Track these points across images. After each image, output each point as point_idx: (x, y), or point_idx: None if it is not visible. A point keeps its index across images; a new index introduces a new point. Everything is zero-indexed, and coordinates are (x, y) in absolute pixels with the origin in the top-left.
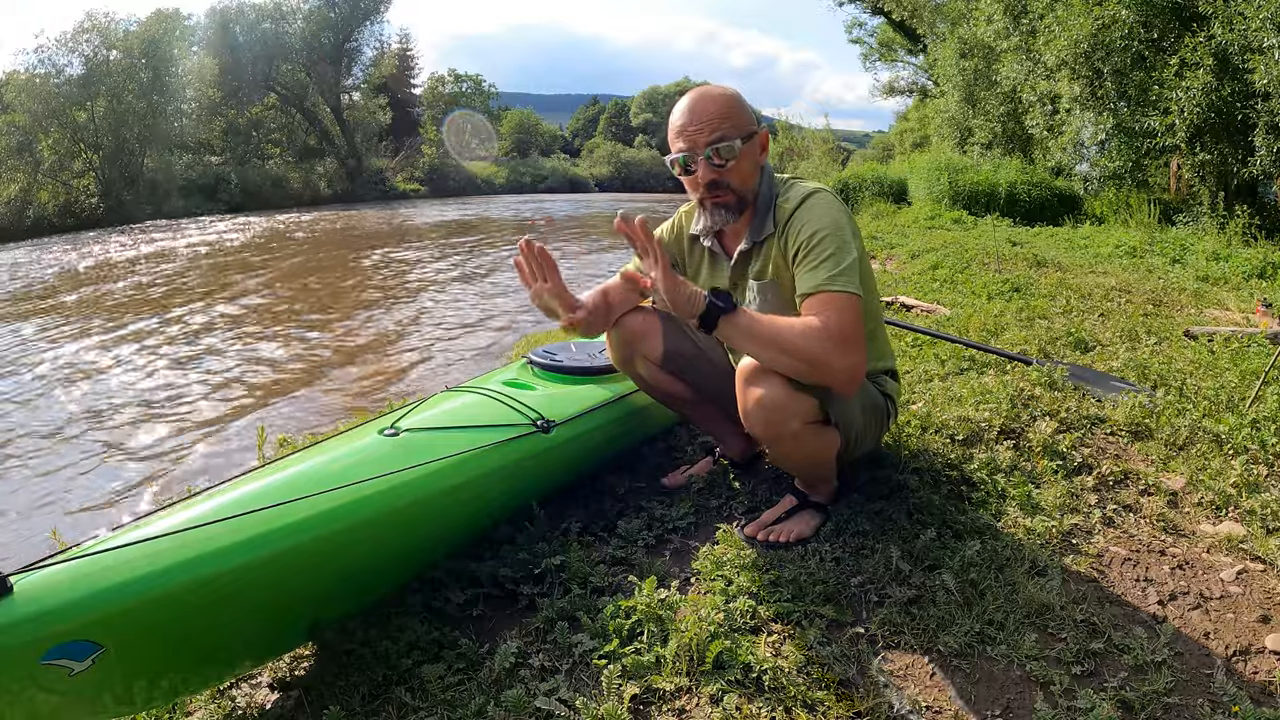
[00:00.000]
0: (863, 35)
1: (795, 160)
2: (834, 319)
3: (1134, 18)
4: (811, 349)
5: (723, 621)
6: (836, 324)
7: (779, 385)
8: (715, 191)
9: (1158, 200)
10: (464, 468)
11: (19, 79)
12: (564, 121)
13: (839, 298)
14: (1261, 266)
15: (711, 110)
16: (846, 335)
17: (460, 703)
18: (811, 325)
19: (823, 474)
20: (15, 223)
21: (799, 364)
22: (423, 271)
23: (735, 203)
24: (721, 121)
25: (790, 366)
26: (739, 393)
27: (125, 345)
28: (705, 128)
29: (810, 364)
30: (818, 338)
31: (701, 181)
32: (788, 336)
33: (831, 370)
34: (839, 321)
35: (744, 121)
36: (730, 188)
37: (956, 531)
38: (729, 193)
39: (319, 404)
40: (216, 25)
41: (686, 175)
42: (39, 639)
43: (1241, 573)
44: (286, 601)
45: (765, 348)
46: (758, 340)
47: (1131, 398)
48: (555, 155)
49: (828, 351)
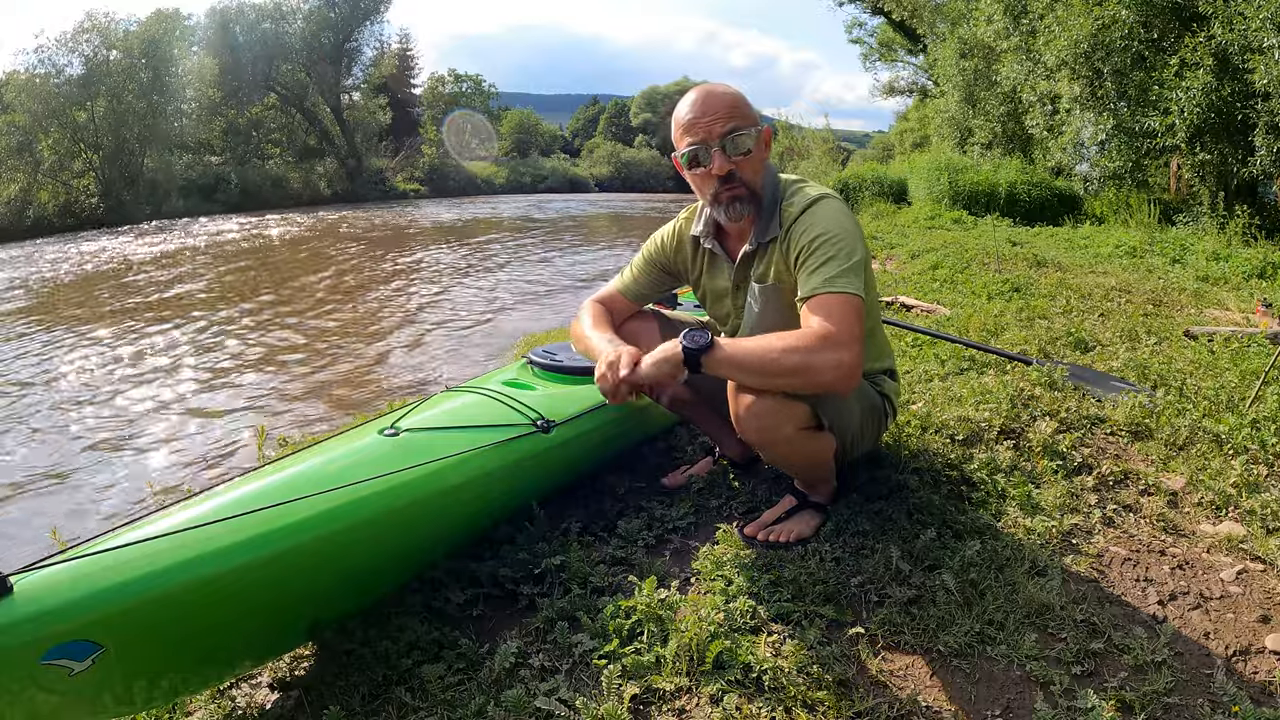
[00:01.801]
0: (863, 35)
1: (795, 160)
2: (829, 322)
3: (1134, 18)
4: (791, 362)
5: (723, 621)
6: (830, 327)
7: (770, 392)
8: (729, 184)
9: (1158, 200)
10: (464, 468)
11: (19, 79)
12: (564, 121)
13: (837, 298)
14: (1261, 266)
15: (723, 102)
16: (839, 337)
17: (460, 703)
18: (789, 336)
19: (821, 475)
20: (15, 223)
21: (788, 380)
22: (423, 271)
23: (749, 195)
24: (733, 112)
25: (781, 385)
26: (730, 400)
27: (124, 345)
28: (719, 119)
29: (797, 375)
30: (795, 349)
31: (716, 174)
32: (770, 357)
33: (819, 374)
34: (834, 324)
35: (753, 115)
36: (744, 181)
37: (956, 531)
38: (742, 185)
39: (319, 404)
40: (216, 25)
41: (697, 170)
42: (39, 639)
43: (1241, 573)
44: (286, 601)
45: (752, 374)
46: (744, 368)
47: (1131, 398)
48: (555, 155)
49: (807, 358)
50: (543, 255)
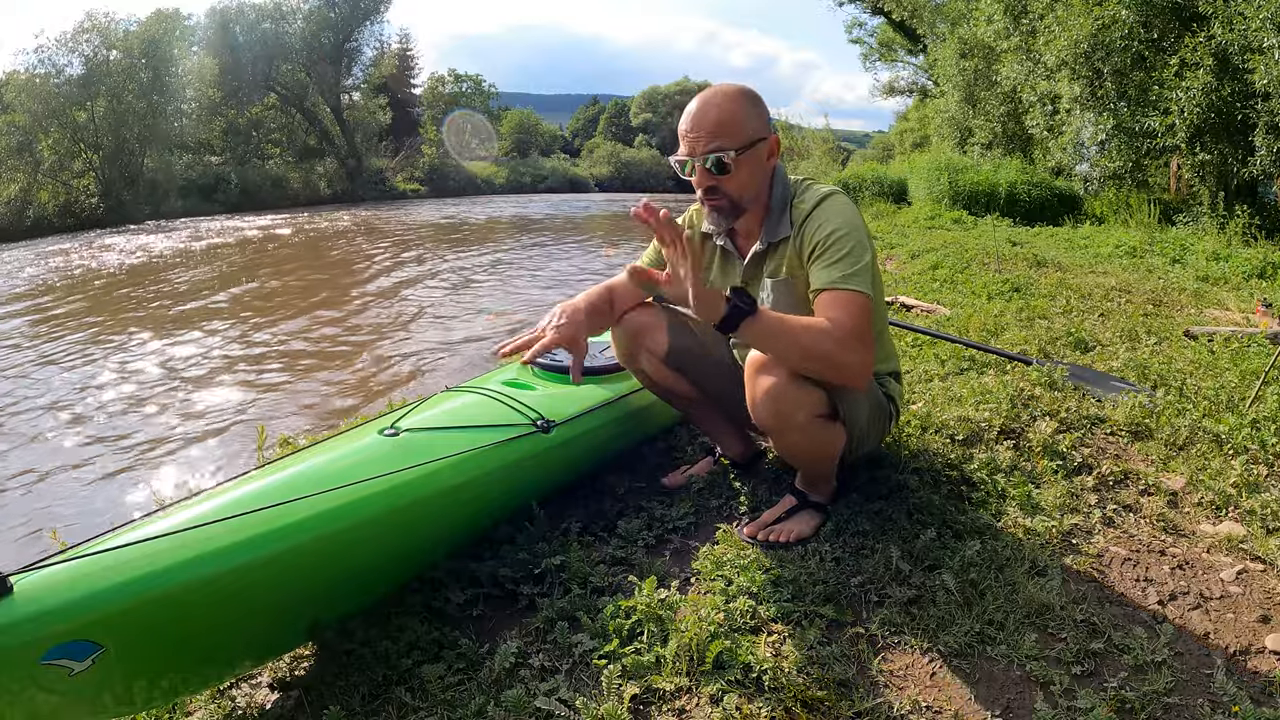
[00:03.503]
0: (863, 35)
1: (795, 160)
2: (846, 318)
3: (1134, 18)
4: (826, 348)
5: (723, 621)
6: (849, 323)
7: (787, 377)
8: (712, 195)
9: (1158, 200)
10: (464, 468)
11: (19, 79)
12: (564, 121)
13: (853, 296)
14: (1261, 266)
15: (711, 118)
16: (858, 333)
17: (460, 703)
18: (825, 325)
19: (825, 471)
20: (15, 223)
21: (815, 364)
22: (423, 271)
23: (730, 207)
24: (719, 131)
25: (806, 366)
26: (748, 383)
27: (124, 345)
28: (702, 137)
29: (825, 362)
30: (832, 337)
31: (698, 187)
32: (804, 338)
33: (845, 367)
34: (851, 320)
35: (746, 131)
36: (725, 194)
37: (956, 531)
38: (724, 198)
39: (319, 404)
40: (216, 25)
41: (689, 177)
42: (39, 639)
43: (1241, 573)
44: (286, 601)
45: (784, 348)
46: (778, 341)
47: (1131, 398)
48: (555, 155)
49: (842, 350)
50: (543, 255)
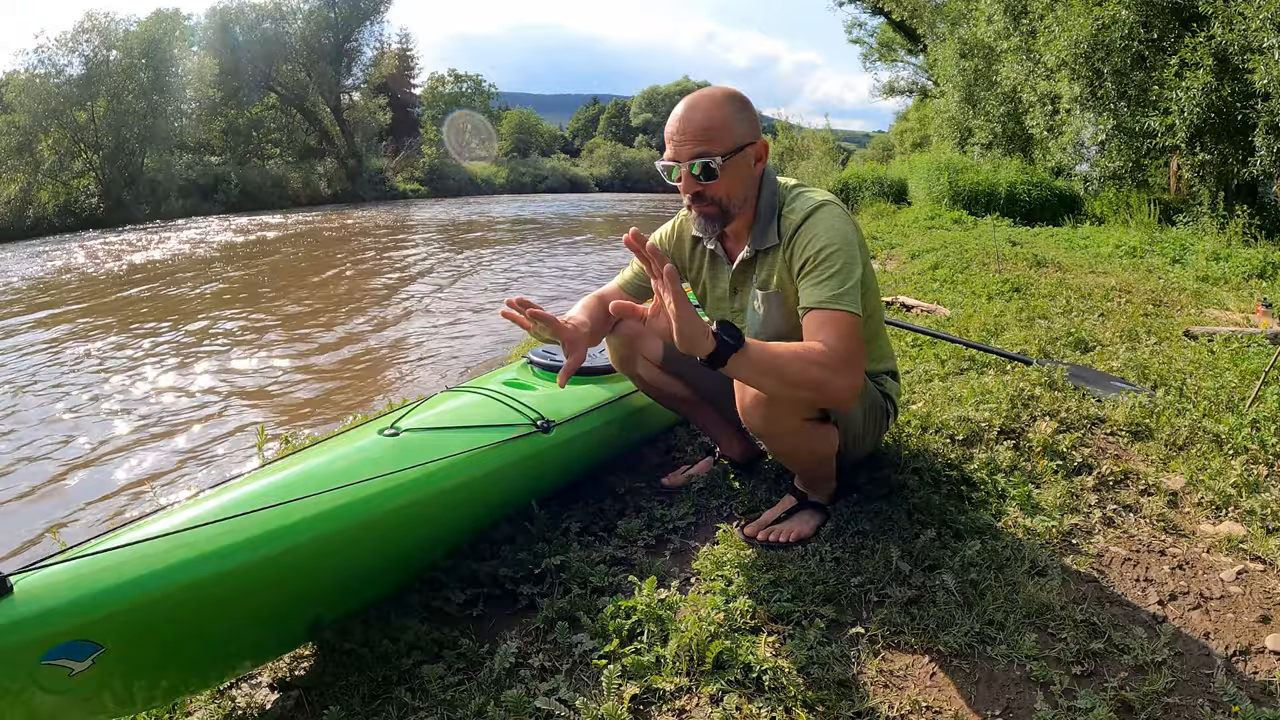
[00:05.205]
0: (863, 35)
1: (795, 160)
2: (835, 340)
3: (1134, 18)
4: (815, 376)
5: (723, 621)
6: (838, 345)
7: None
8: (698, 201)
9: (1158, 200)
10: (464, 468)
11: (19, 79)
12: (564, 121)
13: (841, 317)
14: (1261, 266)
15: (697, 123)
16: (847, 357)
17: (460, 703)
18: (813, 351)
19: (823, 472)
20: (15, 223)
21: (804, 392)
22: (422, 271)
23: (718, 214)
24: (703, 136)
25: (796, 395)
26: (737, 389)
27: (124, 345)
28: (687, 143)
29: (815, 390)
30: (820, 364)
31: (684, 192)
32: (793, 368)
33: (835, 392)
34: (840, 343)
35: (731, 136)
36: (713, 200)
37: (956, 531)
38: (711, 204)
39: (319, 405)
40: (216, 25)
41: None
42: (39, 639)
43: (1241, 573)
44: (286, 601)
45: (772, 382)
46: (766, 376)
47: (1131, 398)
48: (555, 155)
49: (832, 376)
50: (542, 255)
